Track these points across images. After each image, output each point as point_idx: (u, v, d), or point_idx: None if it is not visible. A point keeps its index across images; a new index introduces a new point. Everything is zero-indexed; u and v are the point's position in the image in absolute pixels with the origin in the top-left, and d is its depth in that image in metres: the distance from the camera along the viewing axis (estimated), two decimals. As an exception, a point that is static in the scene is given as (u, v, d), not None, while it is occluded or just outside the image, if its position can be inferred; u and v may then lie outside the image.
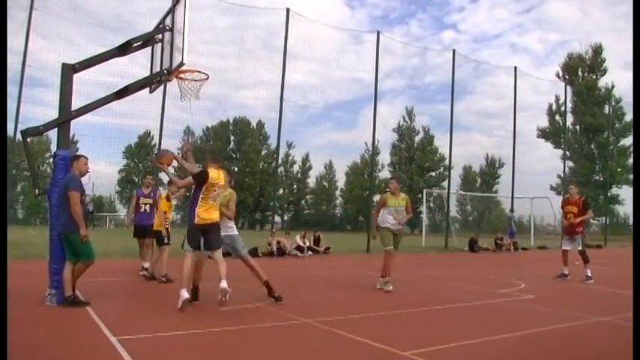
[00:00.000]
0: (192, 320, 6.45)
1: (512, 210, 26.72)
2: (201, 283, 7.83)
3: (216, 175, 7.29)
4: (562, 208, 12.29)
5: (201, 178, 7.21)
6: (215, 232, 7.35)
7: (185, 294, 6.91)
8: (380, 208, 9.74)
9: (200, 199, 7.16)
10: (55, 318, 6.41)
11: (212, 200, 7.23)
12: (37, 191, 7.89)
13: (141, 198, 11.37)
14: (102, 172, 19.64)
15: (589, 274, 11.25)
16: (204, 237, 7.25)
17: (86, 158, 7.46)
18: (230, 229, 7.87)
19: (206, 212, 7.17)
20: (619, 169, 46.99)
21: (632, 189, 44.61)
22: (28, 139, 7.75)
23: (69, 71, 7.45)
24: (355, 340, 5.52)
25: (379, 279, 9.59)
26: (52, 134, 7.79)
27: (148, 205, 11.31)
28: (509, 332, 6.10)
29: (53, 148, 7.74)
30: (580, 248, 11.56)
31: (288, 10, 19.05)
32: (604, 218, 34.27)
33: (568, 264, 11.79)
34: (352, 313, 7.12)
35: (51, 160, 7.86)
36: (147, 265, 10.65)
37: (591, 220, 12.15)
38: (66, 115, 7.41)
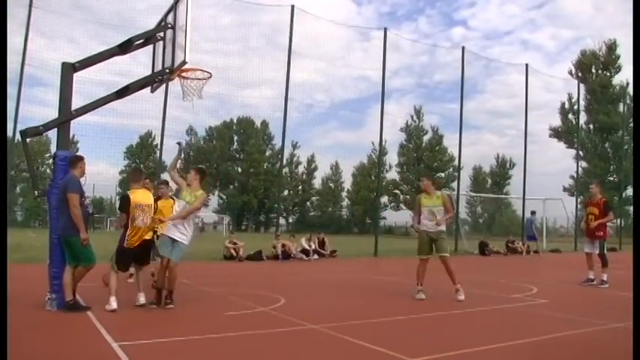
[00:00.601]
0: (193, 326, 6.31)
1: (533, 212, 25.84)
2: (206, 288, 7.67)
3: (140, 196, 7.36)
4: (585, 208, 11.91)
5: (123, 205, 7.37)
6: (145, 249, 7.52)
7: (114, 304, 7.00)
8: (418, 210, 9.20)
9: (129, 224, 7.24)
10: (55, 323, 6.32)
11: (141, 223, 7.26)
12: (36, 193, 7.77)
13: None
14: (103, 173, 19.48)
15: (604, 279, 10.94)
16: (136, 254, 7.39)
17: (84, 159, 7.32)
18: (183, 237, 7.45)
19: (135, 237, 7.26)
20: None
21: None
22: (28, 140, 7.63)
23: (69, 70, 7.32)
24: (362, 345, 5.36)
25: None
26: (52, 134, 7.68)
27: None
28: (523, 338, 5.91)
29: (53, 148, 7.63)
30: (598, 251, 11.17)
31: (292, 7, 18.87)
32: (619, 220, 33.78)
33: (593, 268, 11.32)
34: (359, 318, 6.93)
35: (51, 160, 7.72)
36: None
37: (610, 222, 11.56)
38: (66, 115, 7.28)
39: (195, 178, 7.71)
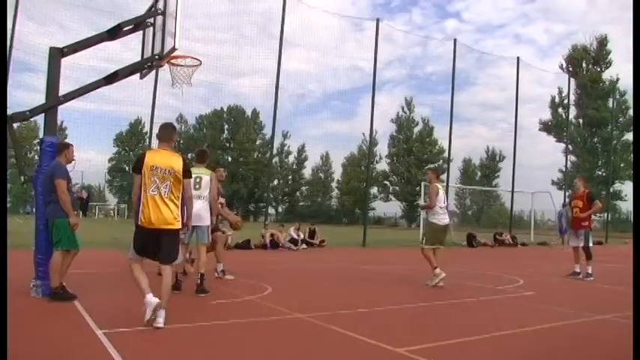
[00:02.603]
0: (181, 314, 6.26)
1: (564, 205, 25.06)
2: (194, 276, 7.64)
3: (161, 157, 5.67)
4: (569, 203, 11.96)
5: (135, 165, 5.76)
6: (166, 239, 5.67)
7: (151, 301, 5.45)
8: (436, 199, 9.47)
9: (142, 193, 5.60)
10: (39, 310, 6.25)
11: (155, 192, 5.55)
12: (22, 179, 7.68)
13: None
14: (92, 160, 19.31)
15: (589, 272, 11.03)
16: (151, 241, 5.64)
17: (73, 146, 7.24)
18: (204, 219, 7.81)
19: (150, 212, 5.52)
20: (622, 165, 46.81)
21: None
22: (16, 125, 7.54)
23: (56, 55, 7.22)
24: (348, 335, 5.36)
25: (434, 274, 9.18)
26: (40, 120, 7.58)
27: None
28: (508, 329, 5.95)
29: (42, 134, 7.54)
30: (583, 244, 11.25)
31: (285, -5, 18.77)
32: (606, 214, 34.07)
33: (579, 261, 11.40)
34: (346, 308, 6.93)
35: (39, 146, 7.64)
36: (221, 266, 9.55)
37: (597, 214, 11.48)
38: (53, 101, 7.19)
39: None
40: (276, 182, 65.92)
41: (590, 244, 11.31)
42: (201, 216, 7.70)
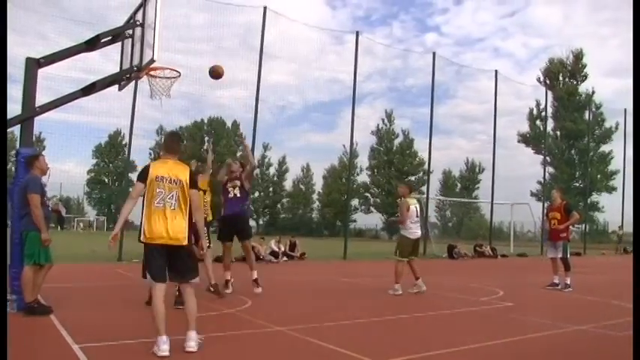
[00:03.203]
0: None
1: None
2: (172, 290, 7.51)
3: (167, 168, 5.31)
4: (546, 215, 12.03)
5: (140, 174, 5.38)
6: (179, 257, 5.23)
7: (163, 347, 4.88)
8: (407, 214, 9.85)
9: (145, 205, 5.29)
10: (14, 325, 6.08)
11: (160, 205, 5.17)
12: (-3, 191, 7.55)
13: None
14: (70, 172, 19.05)
15: (568, 282, 11.11)
16: (162, 258, 5.17)
17: (44, 156, 7.13)
18: None
19: (155, 226, 5.13)
20: (599, 176, 47.44)
21: (611, 196, 45.22)
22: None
23: (33, 66, 7.16)
24: (329, 348, 5.33)
25: (414, 284, 9.81)
26: (18, 131, 7.47)
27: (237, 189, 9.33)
28: (489, 340, 5.96)
29: (18, 145, 7.43)
30: (561, 255, 11.32)
31: (265, 8, 18.82)
32: (583, 225, 34.48)
33: (558, 272, 11.45)
34: (326, 320, 6.90)
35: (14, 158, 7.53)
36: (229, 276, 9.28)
37: (574, 225, 11.48)
38: (29, 112, 7.11)
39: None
40: (257, 194, 65.61)
41: (568, 255, 11.41)
42: None
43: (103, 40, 7.78)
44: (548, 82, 51.29)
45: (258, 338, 5.85)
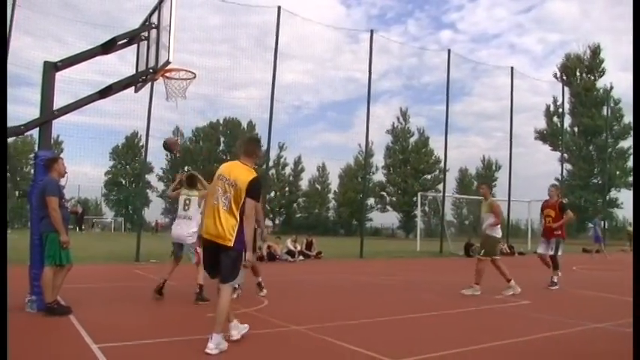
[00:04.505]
0: (175, 327, 6.26)
1: (599, 217, 26.50)
2: (190, 289, 7.59)
3: (230, 168, 5.49)
4: (541, 211, 11.80)
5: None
6: (219, 256, 5.28)
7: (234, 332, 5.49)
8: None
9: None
10: (34, 325, 6.23)
11: (214, 203, 5.30)
12: (17, 194, 7.66)
13: None
14: (88, 174, 19.22)
15: (555, 280, 10.87)
16: (210, 255, 5.40)
17: (62, 159, 7.22)
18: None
19: (209, 221, 5.30)
20: (617, 172, 46.90)
21: (631, 192, 44.62)
22: (10, 139, 7.54)
23: (50, 69, 7.24)
24: (344, 347, 5.33)
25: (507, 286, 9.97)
26: (36, 134, 7.57)
27: None
28: (506, 339, 5.93)
29: (37, 148, 7.53)
30: (552, 253, 11.08)
31: (279, 8, 18.87)
32: (603, 222, 34.08)
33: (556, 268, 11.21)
34: (342, 320, 6.91)
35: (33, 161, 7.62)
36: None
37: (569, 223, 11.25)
38: (47, 115, 7.20)
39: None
40: (272, 194, 65.72)
41: (560, 253, 11.17)
42: (185, 235, 8.19)
43: (119, 43, 7.86)
44: (565, 77, 50.82)
45: (275, 338, 5.87)
